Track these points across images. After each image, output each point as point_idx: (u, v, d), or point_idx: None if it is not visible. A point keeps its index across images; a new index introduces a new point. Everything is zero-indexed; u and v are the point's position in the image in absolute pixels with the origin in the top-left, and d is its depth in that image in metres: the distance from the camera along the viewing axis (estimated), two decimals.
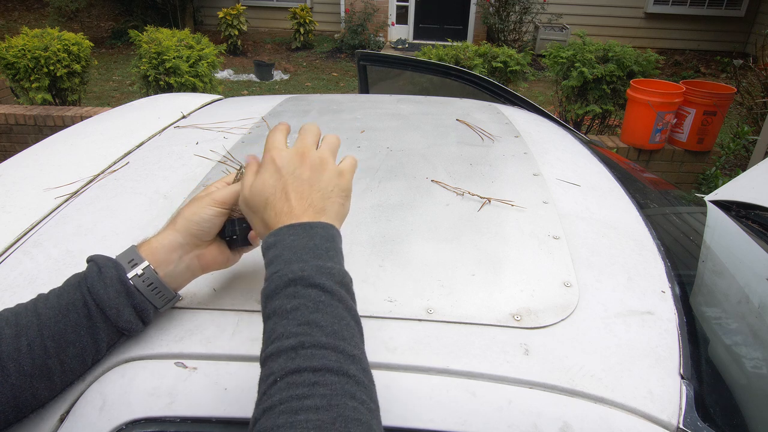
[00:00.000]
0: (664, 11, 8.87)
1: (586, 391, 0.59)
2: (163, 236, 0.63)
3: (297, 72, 7.79)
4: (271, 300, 0.52)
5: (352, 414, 0.45)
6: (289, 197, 0.58)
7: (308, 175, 0.60)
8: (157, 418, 0.59)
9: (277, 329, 0.50)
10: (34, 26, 5.07)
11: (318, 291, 0.52)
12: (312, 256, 0.54)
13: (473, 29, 8.85)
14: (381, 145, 1.19)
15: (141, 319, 0.62)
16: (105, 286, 0.58)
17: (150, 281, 0.61)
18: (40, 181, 1.07)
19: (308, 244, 0.54)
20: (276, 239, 0.55)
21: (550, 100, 6.31)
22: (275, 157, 0.61)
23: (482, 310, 0.69)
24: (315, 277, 0.52)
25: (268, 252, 0.56)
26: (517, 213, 0.91)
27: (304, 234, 0.55)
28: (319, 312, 0.50)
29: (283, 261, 0.53)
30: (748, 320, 0.95)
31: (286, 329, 0.49)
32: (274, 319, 0.51)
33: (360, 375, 0.48)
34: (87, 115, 4.13)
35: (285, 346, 0.48)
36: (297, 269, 0.52)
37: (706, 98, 3.68)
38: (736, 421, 0.71)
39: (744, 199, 1.65)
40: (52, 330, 0.56)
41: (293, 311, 0.50)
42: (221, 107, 1.55)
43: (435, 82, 2.27)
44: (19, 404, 0.55)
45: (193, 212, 0.64)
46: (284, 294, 0.51)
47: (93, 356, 0.60)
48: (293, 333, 0.49)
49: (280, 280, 0.52)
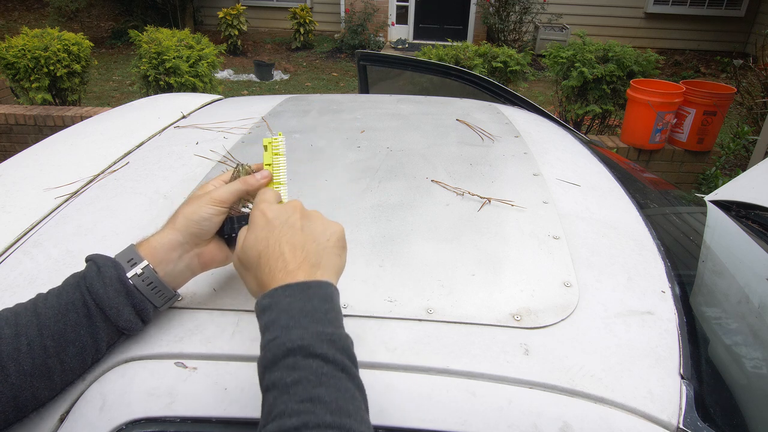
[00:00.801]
0: (664, 11, 8.87)
1: (586, 391, 0.59)
2: (162, 235, 0.63)
3: (297, 72, 7.79)
4: (269, 371, 0.49)
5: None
6: (283, 250, 0.56)
7: (301, 223, 0.59)
8: (157, 418, 0.59)
9: (278, 405, 0.46)
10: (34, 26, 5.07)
11: (319, 362, 0.48)
12: (311, 320, 0.51)
13: (473, 29, 8.85)
14: (381, 145, 1.19)
15: (141, 318, 0.62)
16: (104, 286, 0.58)
17: (149, 280, 0.61)
18: (40, 181, 1.07)
19: (305, 307, 0.51)
20: (271, 301, 0.52)
21: (550, 100, 6.31)
22: (265, 210, 0.60)
23: (482, 310, 0.69)
24: (316, 345, 0.49)
25: (263, 315, 0.52)
26: (517, 213, 0.91)
27: (300, 295, 0.52)
28: (323, 386, 0.47)
29: (280, 327, 0.50)
30: (748, 320, 0.95)
31: (287, 406, 0.46)
32: (273, 393, 0.47)
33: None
34: (87, 115, 4.13)
35: (287, 426, 0.45)
36: (296, 337, 0.49)
37: (706, 98, 3.68)
38: (736, 421, 0.71)
39: (744, 199, 1.65)
40: (51, 329, 0.56)
41: (294, 385, 0.47)
42: (221, 107, 1.55)
43: (435, 82, 2.27)
44: (19, 404, 0.55)
45: (192, 211, 0.64)
46: (283, 365, 0.48)
47: (93, 355, 0.60)
48: (295, 411, 0.45)
49: (278, 350, 0.49)
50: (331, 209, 0.92)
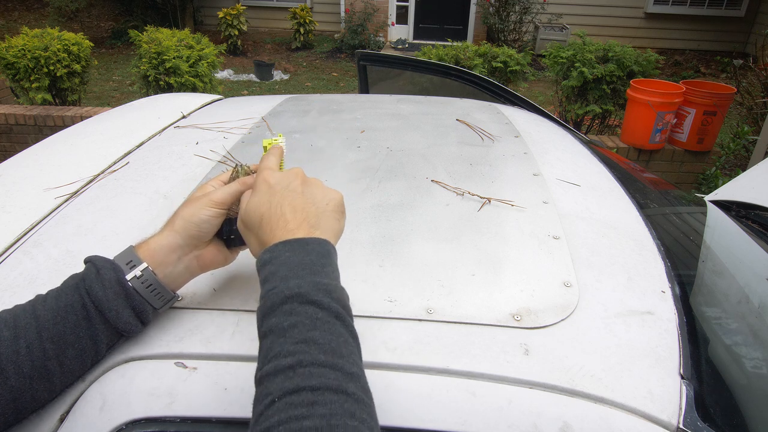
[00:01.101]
0: (664, 11, 8.88)
1: (586, 391, 0.59)
2: (161, 237, 0.63)
3: (297, 72, 7.79)
4: (267, 318, 0.51)
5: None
6: (284, 211, 0.58)
7: (302, 188, 0.61)
8: (157, 418, 0.59)
9: (274, 348, 0.49)
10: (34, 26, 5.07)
11: (315, 308, 0.51)
12: (308, 272, 0.53)
13: (473, 29, 8.85)
14: (381, 145, 1.19)
15: (140, 320, 0.62)
16: (103, 288, 0.58)
17: (149, 283, 0.61)
18: (40, 181, 1.07)
19: (304, 260, 0.54)
20: (271, 255, 0.55)
21: (550, 100, 6.31)
22: (267, 177, 0.62)
23: (482, 310, 0.69)
24: (312, 293, 0.51)
25: (264, 269, 0.55)
26: (517, 213, 0.91)
27: (299, 250, 0.55)
28: (317, 329, 0.49)
29: (279, 277, 0.53)
30: (748, 320, 0.95)
31: (283, 348, 0.48)
32: (270, 338, 0.50)
33: (359, 393, 0.47)
34: (87, 115, 4.13)
35: (282, 365, 0.47)
36: (293, 285, 0.52)
37: (706, 98, 3.68)
38: (736, 421, 0.71)
39: (744, 199, 1.65)
40: (50, 332, 0.56)
41: (290, 329, 0.49)
42: (221, 107, 1.55)
43: (435, 82, 2.27)
44: (18, 406, 0.55)
45: (191, 213, 0.64)
46: (281, 311, 0.51)
47: (92, 357, 0.60)
48: (290, 351, 0.47)
49: (276, 297, 0.52)
50: None
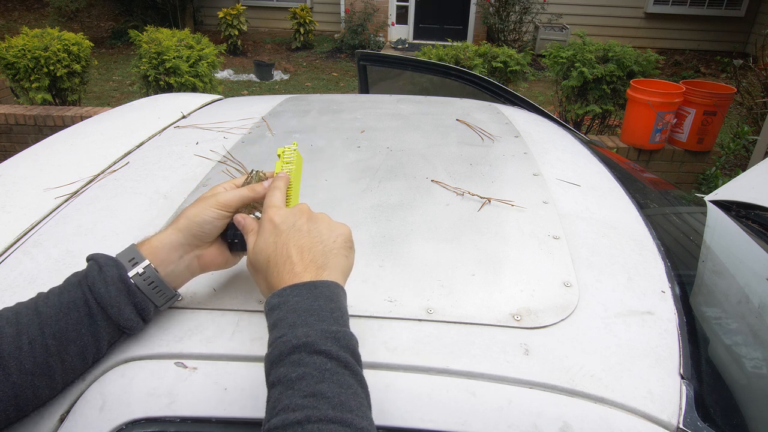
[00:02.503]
0: (664, 11, 8.87)
1: (586, 391, 0.59)
2: (164, 235, 0.64)
3: (297, 72, 7.79)
4: (275, 367, 0.51)
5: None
6: (290, 253, 0.58)
7: (307, 226, 0.60)
8: (157, 418, 0.59)
9: (282, 400, 0.48)
10: (34, 26, 5.07)
11: (323, 358, 0.50)
12: (316, 319, 0.52)
13: (473, 29, 8.85)
14: (381, 145, 1.19)
15: (141, 317, 0.62)
16: (106, 285, 0.58)
17: (151, 280, 0.61)
18: (40, 181, 1.07)
19: (312, 306, 0.53)
20: (279, 300, 0.54)
21: (550, 100, 6.31)
22: (273, 216, 0.61)
23: (482, 310, 0.69)
24: (320, 343, 0.51)
25: (272, 314, 0.54)
26: (517, 213, 0.91)
27: (307, 294, 0.54)
28: (325, 382, 0.48)
29: (287, 325, 0.52)
30: (748, 320, 0.95)
31: (291, 401, 0.47)
32: (279, 388, 0.49)
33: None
34: (87, 115, 4.13)
35: (291, 419, 0.46)
36: (301, 334, 0.51)
37: (706, 98, 3.68)
38: (736, 421, 0.71)
39: (744, 199, 1.65)
40: (53, 328, 0.56)
41: (298, 381, 0.48)
42: (221, 107, 1.55)
43: (435, 82, 2.27)
44: (20, 402, 0.55)
45: (195, 213, 0.64)
46: (289, 361, 0.50)
47: (94, 354, 0.60)
48: (299, 406, 0.47)
49: (284, 346, 0.51)
50: (331, 209, 0.91)
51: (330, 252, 0.59)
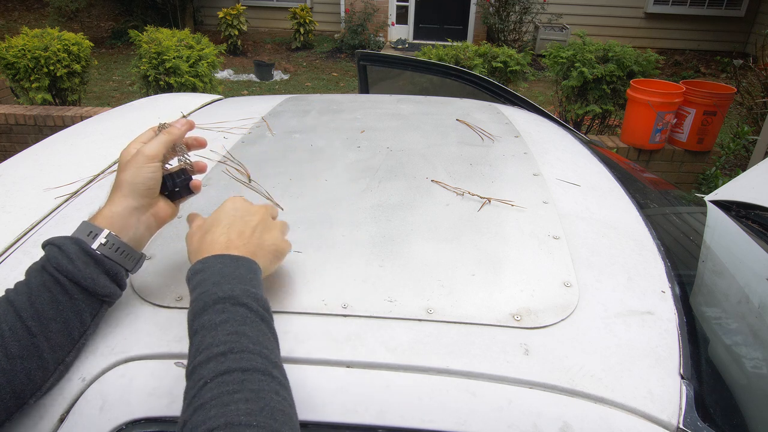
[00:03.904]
0: (664, 11, 8.87)
1: (586, 391, 0.59)
2: (114, 205, 0.66)
3: (297, 72, 7.79)
4: (199, 317, 0.55)
5: (278, 405, 0.49)
6: (230, 232, 0.64)
7: (255, 224, 0.67)
8: (157, 418, 0.59)
9: (205, 340, 0.53)
10: (34, 26, 5.07)
11: (245, 310, 0.55)
12: (238, 282, 0.58)
13: (473, 29, 8.85)
14: (381, 145, 1.19)
15: (117, 283, 0.64)
16: (71, 261, 0.60)
17: (116, 246, 0.63)
18: (40, 181, 1.07)
19: (235, 273, 0.59)
20: (204, 266, 0.59)
21: (550, 100, 6.31)
22: (235, 200, 0.69)
23: (482, 310, 0.69)
24: (242, 297, 0.56)
25: (195, 277, 0.59)
26: (517, 213, 0.91)
27: (231, 264, 0.60)
28: (247, 325, 0.54)
29: (211, 283, 0.57)
30: (748, 320, 0.95)
31: (215, 339, 0.52)
32: (201, 333, 0.53)
33: (282, 379, 0.53)
34: (87, 115, 4.13)
35: (214, 352, 0.51)
36: (226, 289, 0.56)
37: (706, 98, 3.68)
38: (736, 421, 0.71)
39: (744, 199, 1.65)
40: (29, 311, 0.57)
41: (222, 324, 0.54)
42: (221, 107, 1.55)
43: (435, 82, 2.27)
44: (15, 389, 0.56)
45: (134, 175, 0.66)
46: (213, 310, 0.55)
47: (79, 329, 0.61)
48: (223, 341, 0.52)
49: (208, 298, 0.56)
50: (331, 209, 0.92)
51: (261, 250, 0.65)
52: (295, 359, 0.63)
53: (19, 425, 0.59)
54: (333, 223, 0.87)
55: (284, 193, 0.97)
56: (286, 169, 1.06)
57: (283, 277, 0.74)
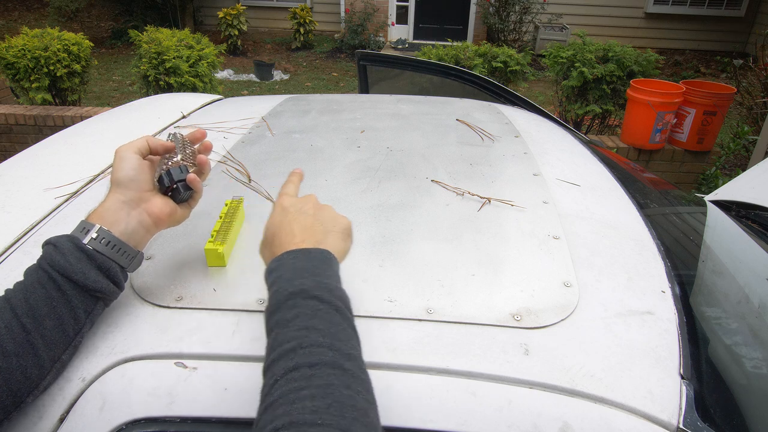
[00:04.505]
0: (664, 11, 8.87)
1: (586, 391, 0.59)
2: (104, 201, 0.67)
3: (297, 72, 7.79)
4: (273, 315, 0.55)
5: (347, 401, 0.47)
6: (293, 229, 0.63)
7: (312, 211, 0.66)
8: (157, 418, 0.59)
9: (278, 338, 0.52)
10: (34, 26, 5.07)
11: (316, 301, 0.54)
12: (311, 274, 0.57)
13: (473, 29, 8.85)
14: (381, 145, 1.19)
15: (110, 279, 0.64)
16: (64, 257, 0.60)
17: (107, 240, 0.63)
18: (40, 181, 1.07)
19: (307, 266, 0.58)
20: (278, 264, 0.59)
21: (550, 100, 6.31)
22: (283, 200, 0.69)
23: (482, 310, 0.69)
24: (313, 289, 0.55)
25: (270, 275, 0.59)
26: (517, 213, 0.91)
27: (303, 257, 0.59)
28: (317, 318, 0.53)
29: (284, 280, 0.57)
30: (748, 320, 0.95)
31: (286, 336, 0.52)
32: (275, 331, 0.53)
33: (356, 370, 0.50)
34: (87, 115, 4.13)
35: (285, 349, 0.50)
36: (297, 284, 0.56)
37: (706, 98, 3.68)
38: (736, 421, 0.71)
39: (744, 199, 1.65)
40: (24, 308, 0.58)
41: (293, 320, 0.53)
42: (221, 107, 1.55)
43: (435, 82, 2.27)
44: (12, 387, 0.56)
45: (117, 168, 0.67)
46: (285, 306, 0.54)
47: (73, 326, 0.61)
48: (293, 337, 0.51)
49: (281, 296, 0.55)
50: None
51: (329, 233, 0.64)
52: None
53: (19, 425, 0.59)
54: None
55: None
56: (286, 169, 1.06)
57: None
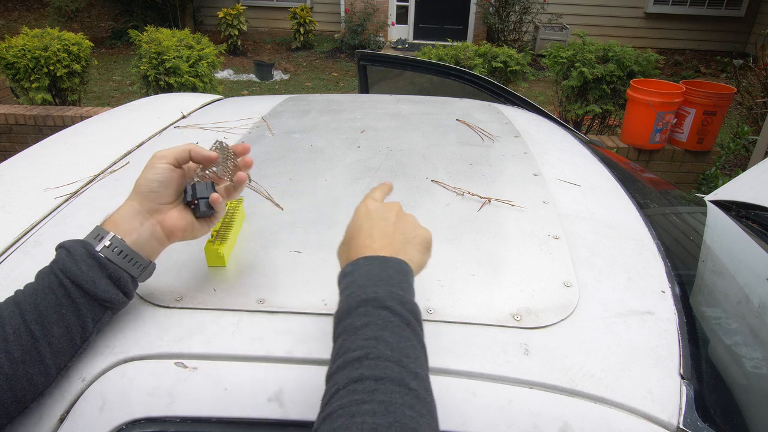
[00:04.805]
0: (664, 11, 8.87)
1: (586, 391, 0.59)
2: (121, 207, 0.65)
3: (297, 72, 7.79)
4: (342, 320, 0.54)
5: (409, 423, 0.45)
6: (373, 234, 0.62)
7: (394, 219, 0.65)
8: (157, 418, 0.59)
9: (345, 345, 0.51)
10: (34, 26, 5.07)
11: (388, 312, 0.53)
12: (385, 283, 0.56)
13: (473, 29, 8.85)
14: (381, 145, 1.19)
15: (120, 289, 0.63)
16: (76, 263, 0.60)
17: (119, 250, 0.62)
18: (40, 181, 1.07)
19: (382, 274, 0.57)
20: (353, 268, 0.58)
21: (550, 100, 6.31)
22: (368, 204, 0.68)
23: (482, 310, 0.69)
24: (387, 300, 0.54)
25: (344, 279, 0.58)
26: (517, 213, 0.91)
27: (379, 265, 0.58)
28: (387, 330, 0.51)
29: (357, 285, 0.56)
30: (748, 320, 0.95)
31: (353, 344, 0.50)
32: (343, 337, 0.52)
33: (421, 391, 0.49)
34: (87, 115, 4.13)
35: (351, 358, 0.49)
36: (370, 291, 0.54)
37: (706, 98, 3.68)
38: (736, 421, 0.71)
39: (744, 199, 1.65)
40: (33, 314, 0.57)
41: (362, 328, 0.52)
42: (221, 107, 1.55)
43: (435, 82, 2.27)
44: (17, 393, 0.56)
45: (143, 175, 0.66)
46: (356, 313, 0.53)
47: (80, 334, 0.61)
48: (360, 346, 0.50)
49: (352, 301, 0.54)
50: (331, 209, 0.91)
51: (408, 244, 0.63)
52: (295, 359, 0.63)
53: (20, 425, 0.59)
54: (333, 223, 0.87)
55: (284, 194, 0.97)
56: (286, 169, 1.06)
57: (284, 277, 0.74)
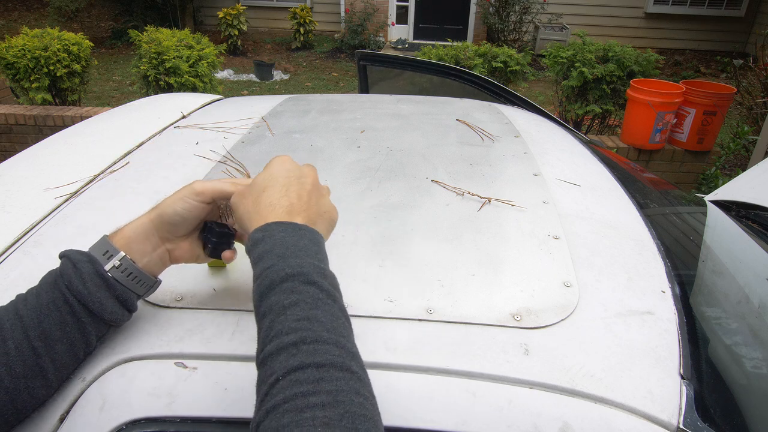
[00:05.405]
0: (664, 11, 8.87)
1: (586, 391, 0.59)
2: (137, 224, 0.63)
3: (297, 72, 7.79)
4: (266, 297, 0.50)
5: (359, 410, 0.43)
6: (290, 193, 0.58)
7: (310, 186, 0.61)
8: (157, 418, 0.59)
9: (275, 326, 0.47)
10: (34, 26, 5.07)
11: (316, 289, 0.50)
12: (305, 254, 0.52)
13: (473, 29, 8.85)
14: (381, 145, 1.19)
15: (126, 308, 0.62)
16: (83, 282, 0.57)
17: (129, 271, 0.60)
18: (40, 181, 1.07)
19: (299, 243, 0.53)
20: (264, 234, 0.54)
21: (550, 100, 6.31)
22: (285, 160, 0.63)
23: (482, 310, 0.69)
24: (312, 274, 0.51)
25: (257, 247, 0.53)
26: (517, 213, 0.91)
27: (293, 233, 0.54)
28: (318, 309, 0.49)
29: (276, 256, 0.51)
30: (748, 320, 0.95)
31: (284, 325, 0.47)
32: (270, 317, 0.48)
33: (361, 372, 0.47)
34: (87, 115, 4.13)
35: (285, 342, 0.46)
36: (294, 264, 0.51)
37: (706, 98, 3.68)
38: (736, 421, 0.71)
39: (744, 199, 1.65)
40: (36, 330, 0.56)
41: (291, 307, 0.48)
42: (221, 107, 1.55)
43: (435, 82, 2.27)
44: (17, 406, 0.55)
45: (170, 203, 0.63)
46: (281, 289, 0.49)
47: (84, 350, 0.60)
48: (293, 329, 0.47)
49: (276, 275, 0.50)
50: None
51: (320, 216, 0.60)
52: None
53: (20, 425, 0.59)
54: None
55: None
56: None
57: None
